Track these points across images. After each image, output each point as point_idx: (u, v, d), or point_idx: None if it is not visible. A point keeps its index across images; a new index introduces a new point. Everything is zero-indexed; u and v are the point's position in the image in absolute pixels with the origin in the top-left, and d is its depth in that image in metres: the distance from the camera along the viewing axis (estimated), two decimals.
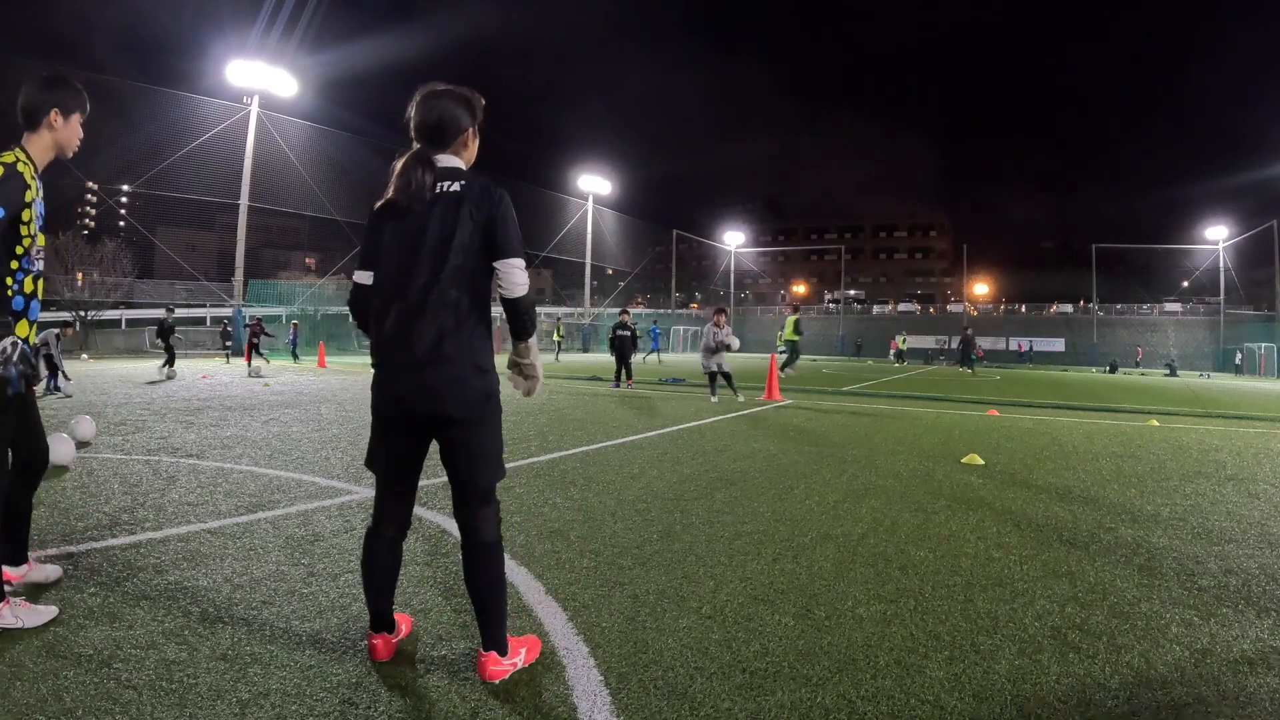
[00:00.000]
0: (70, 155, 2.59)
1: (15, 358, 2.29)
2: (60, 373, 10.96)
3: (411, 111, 2.18)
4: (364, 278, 2.17)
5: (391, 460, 2.18)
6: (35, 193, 2.41)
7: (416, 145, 2.16)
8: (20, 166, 2.35)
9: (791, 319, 17.15)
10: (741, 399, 11.51)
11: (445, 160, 2.16)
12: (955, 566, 3.37)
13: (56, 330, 11.15)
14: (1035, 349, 46.47)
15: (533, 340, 2.22)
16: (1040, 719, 2.02)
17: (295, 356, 22.91)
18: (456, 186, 2.08)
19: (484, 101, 2.28)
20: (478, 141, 2.28)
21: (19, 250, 2.37)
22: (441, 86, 2.20)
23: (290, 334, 24.04)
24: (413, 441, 2.16)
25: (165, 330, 15.36)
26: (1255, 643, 2.57)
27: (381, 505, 2.21)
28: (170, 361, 15.04)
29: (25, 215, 2.35)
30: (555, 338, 30.17)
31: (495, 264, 2.06)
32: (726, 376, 11.62)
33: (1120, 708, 2.08)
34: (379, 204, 2.16)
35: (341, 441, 6.47)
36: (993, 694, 2.14)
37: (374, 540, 2.21)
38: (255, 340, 18.07)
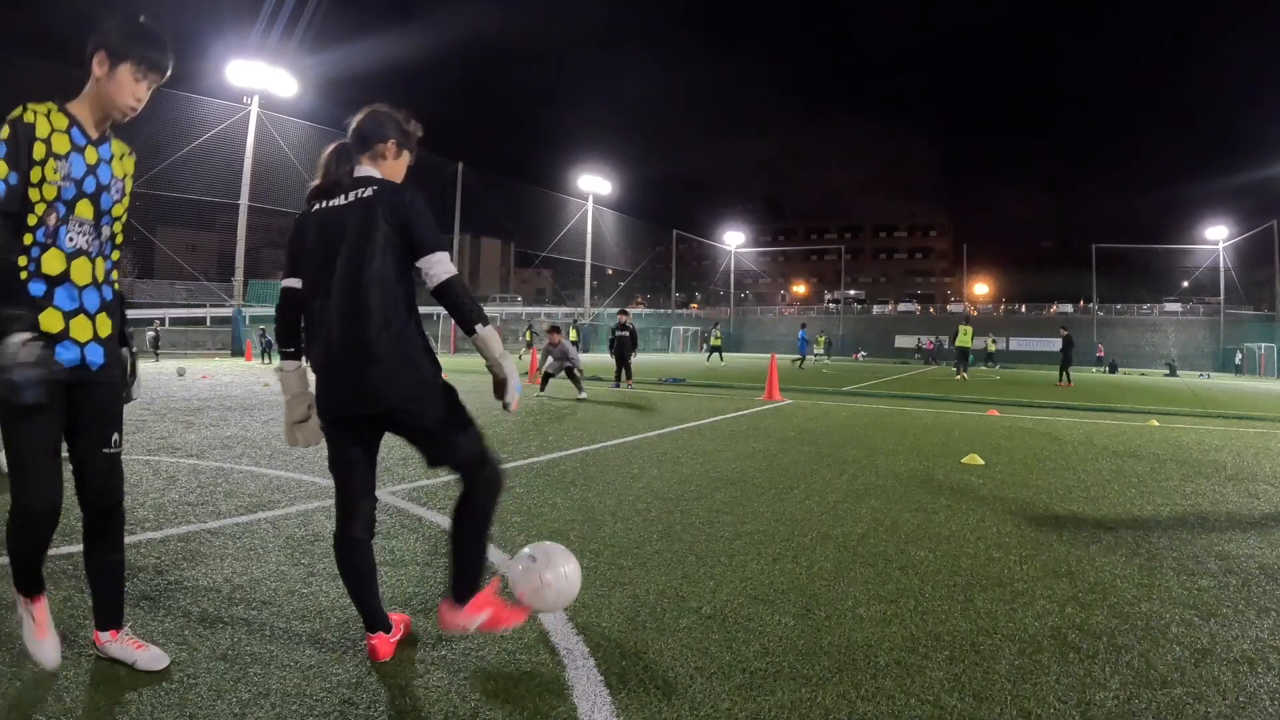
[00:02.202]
0: (124, 117, 2.08)
1: (27, 358, 1.83)
2: None
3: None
4: (294, 283, 2.24)
5: (347, 460, 2.22)
6: (61, 148, 1.96)
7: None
8: (29, 117, 1.93)
9: (970, 328, 21.51)
10: (584, 395, 11.45)
11: (362, 169, 2.24)
12: (955, 566, 3.37)
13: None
14: (1032, 349, 46.30)
15: (490, 332, 2.13)
16: (1040, 719, 2.02)
17: (266, 358, 22.36)
18: (369, 192, 2.14)
19: (420, 133, 2.36)
20: (403, 163, 2.33)
21: (30, 220, 1.93)
22: (382, 107, 2.31)
23: (261, 337, 23.79)
24: (363, 439, 2.21)
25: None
26: (1255, 643, 2.57)
27: (344, 507, 2.23)
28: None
29: (34, 175, 1.92)
30: (572, 338, 30.64)
31: (418, 263, 2.10)
32: (571, 372, 11.76)
33: (1120, 708, 2.08)
34: (304, 211, 2.26)
35: None
36: (993, 694, 2.14)
37: (344, 542, 2.23)
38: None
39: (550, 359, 11.79)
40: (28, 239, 1.93)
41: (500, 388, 2.17)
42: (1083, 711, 2.05)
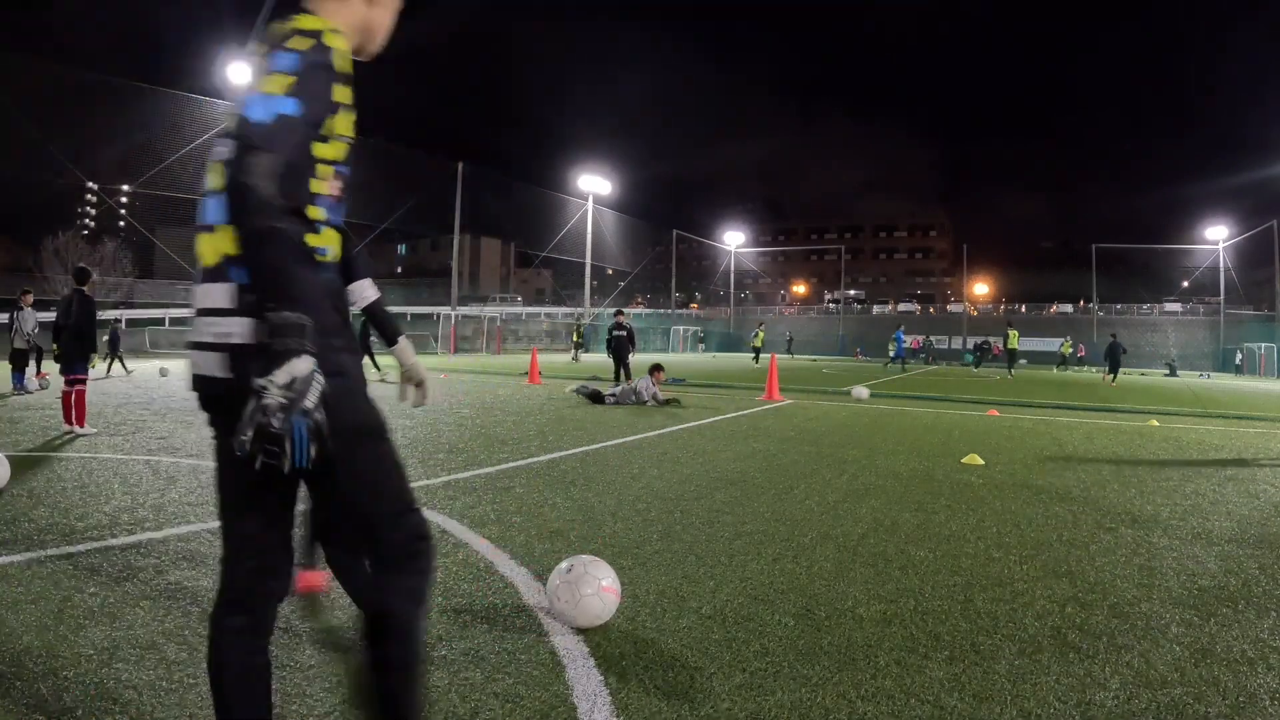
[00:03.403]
0: (373, 53, 1.59)
1: (310, 400, 1.22)
2: (37, 365, 10.65)
3: None
4: None
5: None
6: (348, 93, 1.41)
7: None
8: (331, 40, 1.37)
9: (1016, 332, 24.12)
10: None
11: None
12: (955, 566, 3.37)
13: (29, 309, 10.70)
14: (1032, 348, 46.21)
15: (405, 343, 2.24)
16: (1040, 719, 2.02)
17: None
18: None
19: None
20: None
21: (316, 187, 1.37)
22: None
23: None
24: None
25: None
26: (1255, 643, 2.57)
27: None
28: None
29: (329, 125, 1.37)
30: (576, 338, 31.14)
31: (348, 288, 2.27)
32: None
33: (1120, 708, 2.08)
34: None
35: None
36: (993, 694, 2.14)
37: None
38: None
39: (636, 387, 10.84)
40: (313, 212, 1.36)
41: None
42: (1083, 711, 2.06)
